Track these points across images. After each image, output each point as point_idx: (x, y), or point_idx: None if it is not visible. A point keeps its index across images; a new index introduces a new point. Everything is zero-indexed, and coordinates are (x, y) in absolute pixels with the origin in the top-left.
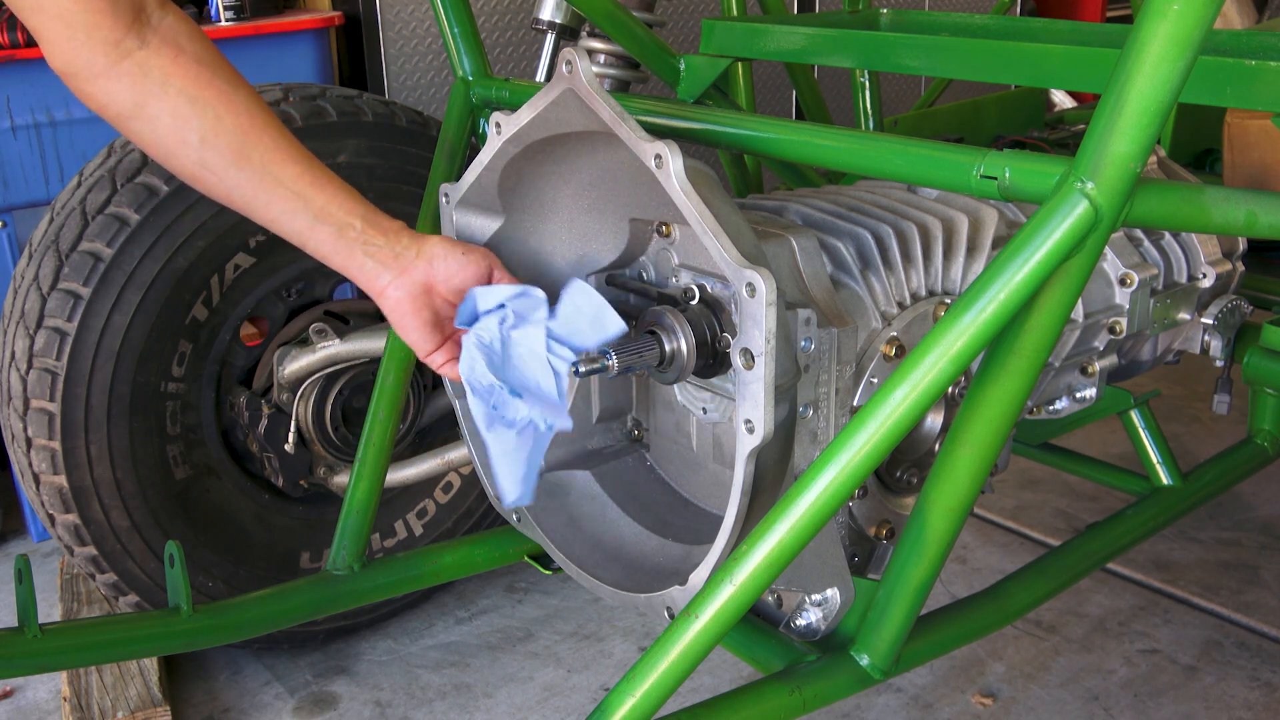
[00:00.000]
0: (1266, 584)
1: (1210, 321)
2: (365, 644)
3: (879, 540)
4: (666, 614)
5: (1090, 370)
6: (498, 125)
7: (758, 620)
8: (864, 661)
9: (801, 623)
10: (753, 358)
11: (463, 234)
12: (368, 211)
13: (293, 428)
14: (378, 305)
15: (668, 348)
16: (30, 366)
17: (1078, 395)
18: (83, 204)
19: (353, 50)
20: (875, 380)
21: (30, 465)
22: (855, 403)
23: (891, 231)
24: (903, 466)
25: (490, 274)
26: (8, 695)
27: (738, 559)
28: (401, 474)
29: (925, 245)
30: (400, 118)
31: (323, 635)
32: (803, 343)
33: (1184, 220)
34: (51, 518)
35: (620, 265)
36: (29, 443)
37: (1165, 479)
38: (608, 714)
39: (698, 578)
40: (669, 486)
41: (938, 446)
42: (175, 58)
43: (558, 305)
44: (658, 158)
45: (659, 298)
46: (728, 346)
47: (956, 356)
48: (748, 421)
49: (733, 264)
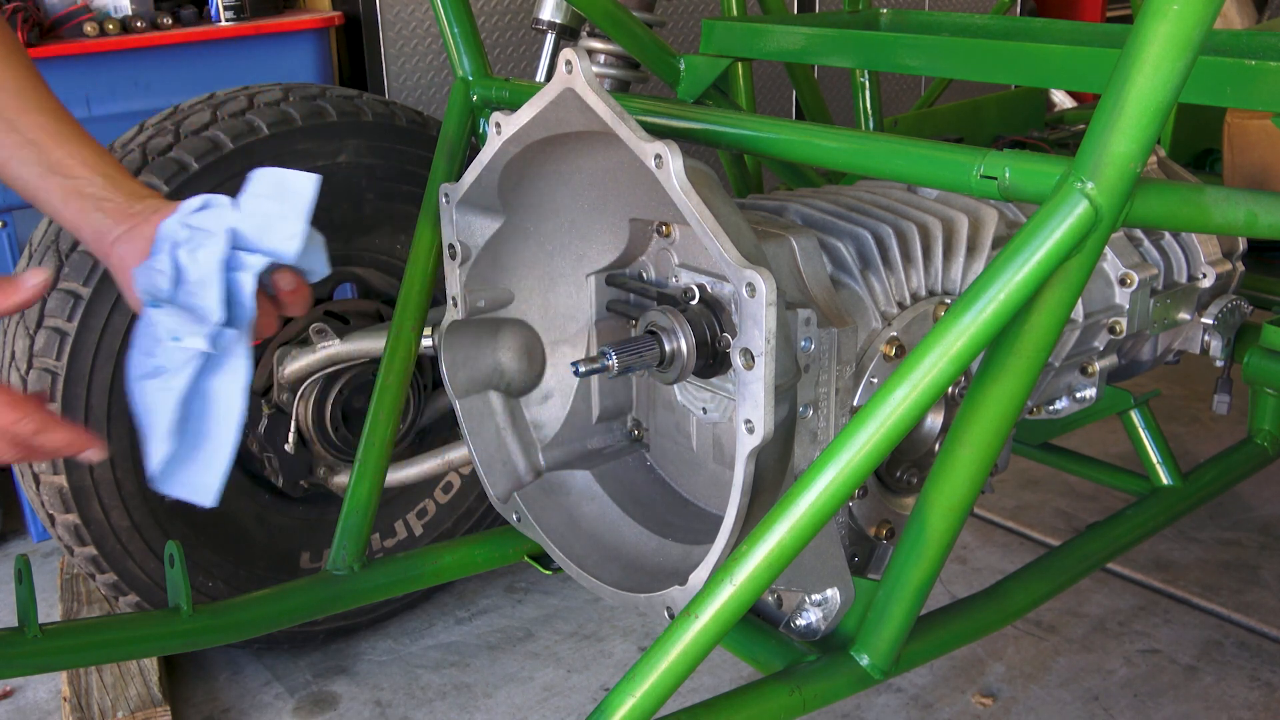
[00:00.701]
0: (1266, 584)
1: (1210, 321)
2: (365, 644)
3: (879, 540)
4: (666, 614)
5: (1090, 370)
6: (498, 125)
7: (758, 620)
8: (864, 661)
9: (801, 623)
10: (753, 358)
11: (463, 234)
12: (115, 173)
13: (293, 428)
14: (104, 263)
15: (668, 348)
16: (30, 366)
17: (1078, 395)
18: None
19: (353, 50)
20: (875, 380)
21: (30, 465)
22: (855, 403)
23: (891, 231)
24: (903, 466)
25: None
26: (8, 695)
27: (738, 559)
28: (401, 474)
29: (925, 245)
30: (400, 118)
31: (323, 635)
32: (803, 343)
33: (1184, 220)
34: (51, 517)
35: (620, 265)
36: None
37: (1165, 479)
38: (608, 714)
39: (698, 578)
40: (669, 486)
41: (938, 446)
42: None
43: (238, 197)
44: (658, 158)
45: (659, 297)
46: (728, 346)
47: (956, 356)
48: (748, 421)
49: (733, 264)
